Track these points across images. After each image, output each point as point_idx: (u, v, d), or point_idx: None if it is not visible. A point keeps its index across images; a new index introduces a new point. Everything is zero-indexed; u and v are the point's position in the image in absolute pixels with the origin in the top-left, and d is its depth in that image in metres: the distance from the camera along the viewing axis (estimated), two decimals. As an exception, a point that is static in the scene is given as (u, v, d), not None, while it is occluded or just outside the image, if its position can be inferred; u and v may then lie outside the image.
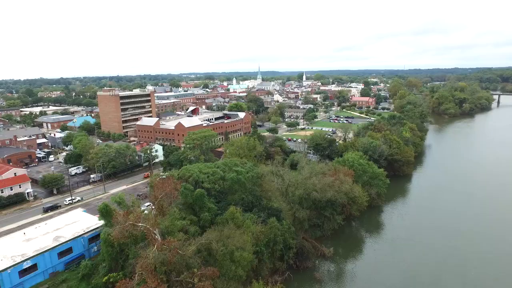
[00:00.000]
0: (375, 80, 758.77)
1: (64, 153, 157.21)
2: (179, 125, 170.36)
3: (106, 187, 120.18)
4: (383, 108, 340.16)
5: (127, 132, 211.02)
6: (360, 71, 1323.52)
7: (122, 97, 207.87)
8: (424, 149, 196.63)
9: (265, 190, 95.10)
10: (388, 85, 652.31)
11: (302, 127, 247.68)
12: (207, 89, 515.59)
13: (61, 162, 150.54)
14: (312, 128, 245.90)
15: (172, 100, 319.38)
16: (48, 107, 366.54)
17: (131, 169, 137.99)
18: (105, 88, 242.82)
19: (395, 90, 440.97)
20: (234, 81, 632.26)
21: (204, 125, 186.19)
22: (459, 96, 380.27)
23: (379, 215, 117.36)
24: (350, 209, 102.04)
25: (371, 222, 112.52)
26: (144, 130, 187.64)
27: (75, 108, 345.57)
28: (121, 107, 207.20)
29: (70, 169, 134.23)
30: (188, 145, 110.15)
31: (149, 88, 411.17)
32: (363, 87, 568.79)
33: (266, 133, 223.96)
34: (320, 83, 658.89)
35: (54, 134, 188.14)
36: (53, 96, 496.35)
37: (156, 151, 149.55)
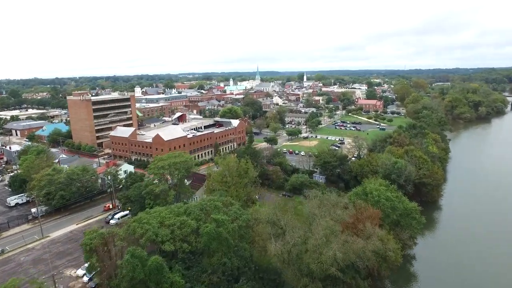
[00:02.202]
0: (378, 80, 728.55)
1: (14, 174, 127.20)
2: (157, 137, 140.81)
3: (49, 226, 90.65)
4: (393, 112, 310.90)
5: (102, 143, 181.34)
6: (361, 71, 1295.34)
7: (94, 102, 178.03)
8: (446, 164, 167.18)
9: (259, 247, 65.92)
10: (392, 86, 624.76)
11: (305, 135, 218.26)
12: (202, 91, 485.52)
13: (6, 186, 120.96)
14: (316, 136, 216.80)
15: (160, 104, 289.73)
16: (27, 110, 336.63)
17: (91, 198, 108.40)
18: (76, 92, 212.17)
19: (403, 92, 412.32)
20: (231, 82, 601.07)
21: (190, 136, 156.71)
22: (473, 98, 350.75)
23: (411, 265, 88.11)
24: (379, 268, 72.50)
25: (401, 277, 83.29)
26: (118, 142, 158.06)
27: (56, 112, 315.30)
28: (94, 114, 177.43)
29: (9, 199, 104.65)
30: (154, 175, 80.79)
31: (137, 89, 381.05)
32: (366, 88, 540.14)
33: (263, 143, 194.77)
34: (321, 84, 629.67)
35: (10, 147, 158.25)
36: (39, 97, 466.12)
37: (126, 172, 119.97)
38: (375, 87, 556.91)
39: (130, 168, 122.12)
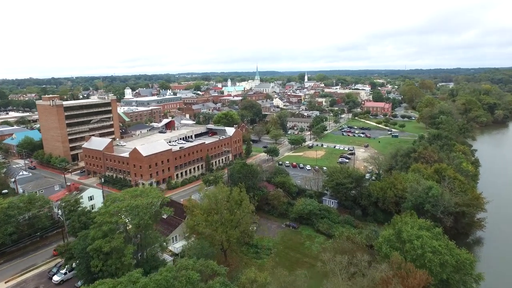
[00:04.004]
0: (381, 81, 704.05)
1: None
2: (135, 152, 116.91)
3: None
4: (403, 116, 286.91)
5: (77, 155, 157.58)
6: (361, 71, 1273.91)
7: (67, 108, 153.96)
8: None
9: None
10: (396, 86, 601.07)
11: (310, 144, 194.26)
12: (198, 92, 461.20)
13: None
14: (322, 145, 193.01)
15: (150, 107, 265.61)
16: (7, 113, 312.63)
17: (41, 236, 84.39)
18: (46, 96, 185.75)
19: (411, 93, 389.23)
20: (229, 82, 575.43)
21: (176, 149, 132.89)
22: (488, 101, 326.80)
23: None
24: None
25: None
26: (92, 156, 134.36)
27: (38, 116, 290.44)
28: (67, 121, 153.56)
29: None
30: (105, 224, 55.80)
31: (127, 91, 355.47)
32: (370, 89, 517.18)
33: (263, 154, 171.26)
34: (323, 84, 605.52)
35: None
36: (26, 98, 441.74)
37: (91, 198, 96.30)
38: (379, 88, 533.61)
39: (97, 194, 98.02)
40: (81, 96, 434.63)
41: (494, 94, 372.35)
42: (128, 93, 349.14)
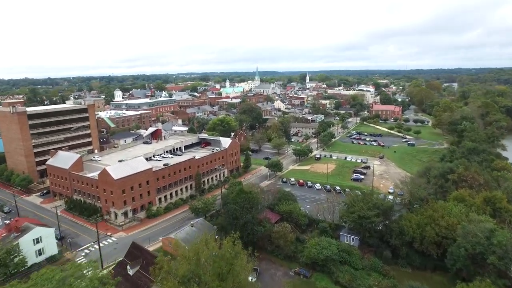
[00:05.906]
0: (385, 81, 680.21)
1: None
2: (104, 174, 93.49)
3: None
4: (416, 121, 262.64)
5: (45, 170, 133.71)
6: (362, 71, 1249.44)
7: (32, 116, 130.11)
8: None
9: None
10: (401, 87, 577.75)
11: (317, 155, 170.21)
12: (195, 93, 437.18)
13: None
14: (331, 156, 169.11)
15: (139, 111, 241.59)
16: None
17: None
18: (6, 101, 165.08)
19: (421, 95, 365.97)
20: (227, 83, 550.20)
21: (160, 166, 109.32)
22: (505, 103, 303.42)
23: None
24: None
25: None
26: (57, 175, 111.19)
27: None
28: (33, 131, 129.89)
29: None
30: None
31: (117, 93, 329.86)
32: (374, 90, 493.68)
33: (263, 168, 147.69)
34: (325, 85, 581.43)
35: None
36: (12, 100, 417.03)
37: (38, 241, 72.95)
38: (383, 89, 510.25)
39: (47, 233, 74.22)
40: (71, 98, 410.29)
41: (509, 95, 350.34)
42: (118, 95, 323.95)
